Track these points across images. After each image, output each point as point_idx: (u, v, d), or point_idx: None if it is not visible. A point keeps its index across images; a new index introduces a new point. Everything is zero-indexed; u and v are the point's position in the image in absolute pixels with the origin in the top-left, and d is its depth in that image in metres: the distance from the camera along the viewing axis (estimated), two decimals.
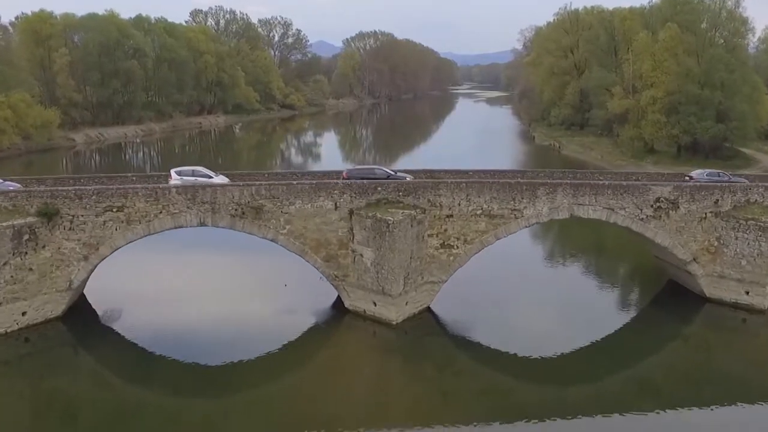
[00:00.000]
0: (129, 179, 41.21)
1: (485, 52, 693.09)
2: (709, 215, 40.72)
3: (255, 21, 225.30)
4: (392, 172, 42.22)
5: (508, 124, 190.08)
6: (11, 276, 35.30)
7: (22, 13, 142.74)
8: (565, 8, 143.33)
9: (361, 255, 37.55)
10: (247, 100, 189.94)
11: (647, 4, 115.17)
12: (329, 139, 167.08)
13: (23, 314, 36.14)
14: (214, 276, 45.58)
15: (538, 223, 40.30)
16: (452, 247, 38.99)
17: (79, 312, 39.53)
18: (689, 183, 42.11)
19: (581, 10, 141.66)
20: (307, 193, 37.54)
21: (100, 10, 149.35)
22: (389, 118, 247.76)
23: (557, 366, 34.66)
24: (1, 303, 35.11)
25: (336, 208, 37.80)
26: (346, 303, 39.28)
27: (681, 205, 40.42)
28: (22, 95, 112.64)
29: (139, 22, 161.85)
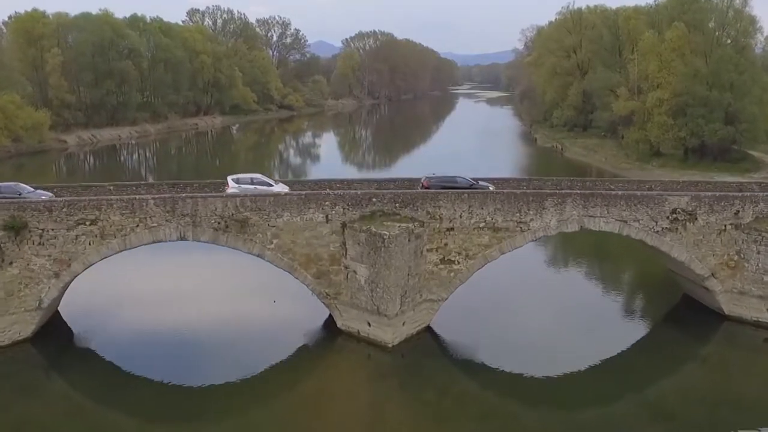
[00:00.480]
0: (105, 189, 38.34)
1: (485, 52, 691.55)
2: (728, 227, 37.90)
3: (253, 21, 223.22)
4: (474, 181, 39.47)
5: (509, 125, 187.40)
6: None
7: (15, 13, 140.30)
8: (567, 7, 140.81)
9: (355, 272, 34.76)
10: (244, 101, 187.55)
11: (653, 3, 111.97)
12: (328, 141, 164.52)
13: None
14: (197, 292, 42.77)
15: (545, 236, 37.35)
16: (453, 262, 36.18)
17: (51, 332, 36.85)
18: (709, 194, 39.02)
19: (584, 9, 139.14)
20: (295, 204, 34.71)
21: (94, 10, 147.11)
22: (389, 118, 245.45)
23: (564, 388, 32.53)
24: None
25: (327, 220, 35.00)
26: (338, 323, 36.48)
27: (699, 216, 37.60)
28: (12, 96, 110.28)
29: (134, 21, 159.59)
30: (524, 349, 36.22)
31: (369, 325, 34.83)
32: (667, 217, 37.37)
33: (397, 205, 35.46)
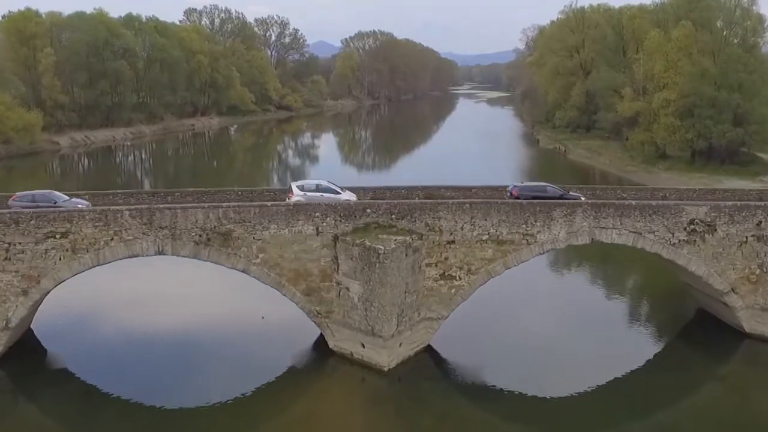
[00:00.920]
0: (80, 198, 35.64)
1: (485, 52, 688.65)
2: (750, 239, 35.23)
3: (251, 20, 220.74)
4: (563, 191, 37.05)
5: (510, 126, 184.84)
6: None
7: (9, 12, 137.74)
8: (570, 6, 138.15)
9: (347, 288, 32.11)
10: (242, 101, 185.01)
11: (658, 1, 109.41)
12: (327, 142, 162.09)
13: None
14: (179, 307, 40.02)
15: (553, 249, 34.64)
16: (454, 278, 33.51)
17: (22, 352, 34.23)
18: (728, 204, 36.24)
19: (587, 8, 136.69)
20: (283, 216, 32.02)
21: (88, 9, 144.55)
22: (389, 119, 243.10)
23: (573, 412, 30.29)
24: None
25: (318, 233, 32.32)
26: (330, 343, 33.80)
27: (718, 227, 34.93)
28: (2, 97, 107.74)
29: (130, 21, 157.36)
30: (530, 370, 33.67)
31: (363, 346, 32.17)
32: (685, 229, 34.71)
33: (393, 216, 32.76)
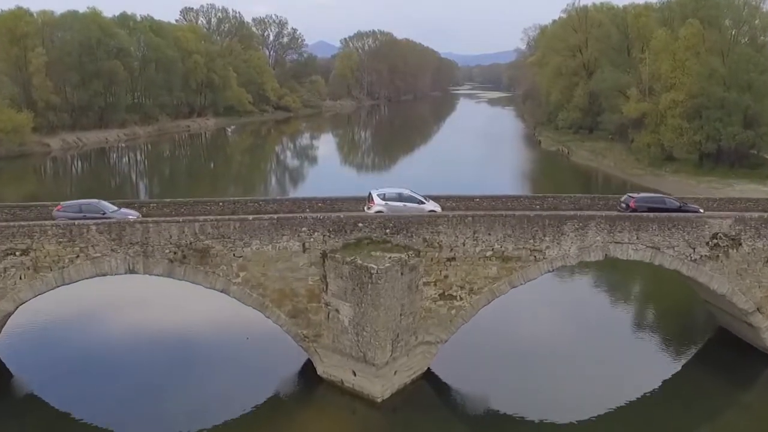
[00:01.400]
0: (47, 210, 32.68)
1: (486, 53, 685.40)
2: None
3: (249, 20, 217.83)
4: (682, 203, 34.49)
5: (511, 127, 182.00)
6: None
7: (1, 11, 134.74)
8: (572, 5, 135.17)
9: (337, 311, 29.14)
10: (239, 102, 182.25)
11: None
12: (325, 143, 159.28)
13: None
14: (156, 326, 36.92)
15: (563, 266, 31.61)
16: (454, 298, 30.54)
17: None
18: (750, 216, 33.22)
19: (590, 6, 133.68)
20: (266, 230, 29.02)
21: (82, 8, 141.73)
22: (388, 120, 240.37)
23: None
24: None
25: (304, 249, 29.33)
26: (318, 369, 30.79)
27: (744, 242, 31.94)
28: None
29: (124, 20, 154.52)
30: (537, 397, 30.76)
31: (354, 374, 29.19)
32: (707, 243, 31.74)
33: (387, 230, 29.75)
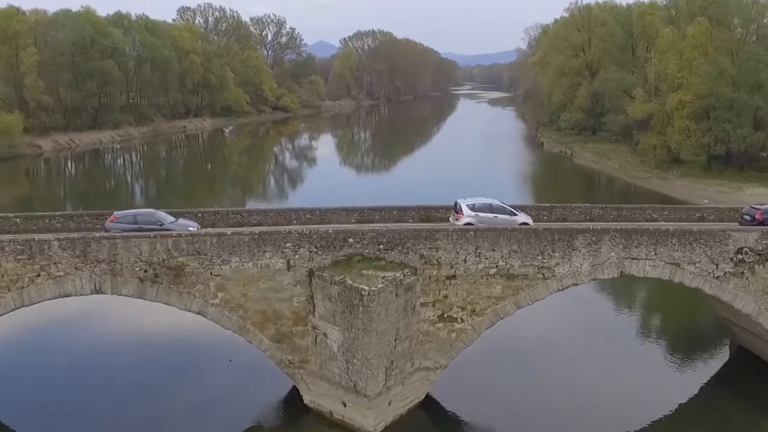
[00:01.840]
0: (10, 222, 29.86)
1: (486, 53, 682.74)
2: None
3: (247, 19, 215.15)
4: None
5: (512, 127, 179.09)
6: None
7: None
8: (575, 3, 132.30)
9: (325, 335, 26.38)
10: (236, 102, 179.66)
11: None
12: (324, 144, 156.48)
13: None
14: (130, 343, 34.15)
15: (575, 285, 28.77)
16: (455, 320, 27.77)
17: None
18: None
19: (593, 5, 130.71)
20: (247, 246, 26.25)
21: (75, 7, 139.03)
22: (388, 120, 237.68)
23: None
24: None
25: (289, 267, 26.57)
26: (305, 398, 27.99)
27: None
28: None
29: (119, 19, 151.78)
30: (545, 424, 28.03)
31: (344, 405, 26.43)
32: (731, 259, 28.97)
33: (381, 246, 26.96)
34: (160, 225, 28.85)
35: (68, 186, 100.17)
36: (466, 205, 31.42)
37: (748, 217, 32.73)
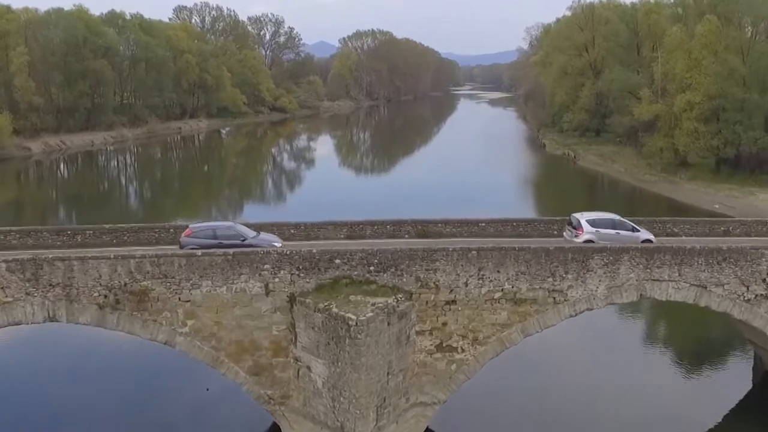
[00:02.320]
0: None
1: (486, 53, 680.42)
2: None
3: (245, 19, 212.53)
4: None
5: (513, 128, 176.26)
6: None
7: None
8: (578, 1, 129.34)
9: (308, 368, 23.39)
10: (233, 103, 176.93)
11: None
12: (323, 144, 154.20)
13: None
14: (95, 374, 31.07)
15: (589, 309, 25.73)
16: (455, 349, 24.75)
17: None
18: None
19: (597, 3, 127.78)
20: (219, 269, 23.26)
21: (68, 5, 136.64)
22: (388, 121, 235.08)
23: None
24: None
25: (267, 292, 23.57)
26: None
27: None
28: None
29: (112, 18, 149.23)
30: None
31: None
32: (764, 280, 25.96)
33: (371, 268, 23.94)
34: (242, 240, 26.00)
35: (57, 190, 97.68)
36: (586, 221, 28.64)
37: None
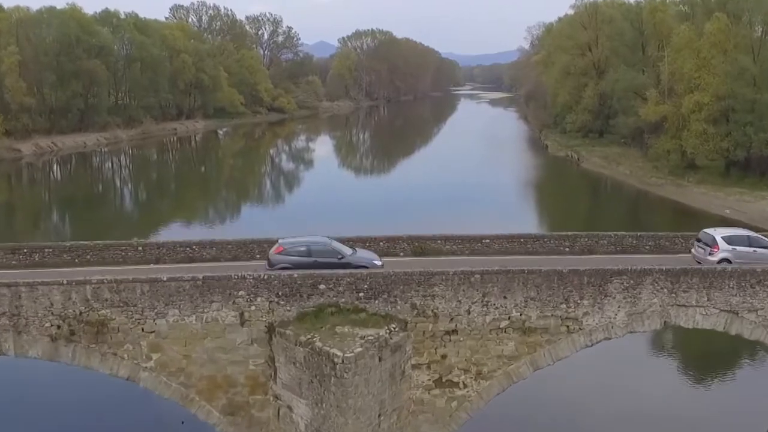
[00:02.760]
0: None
1: (487, 53, 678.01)
2: None
3: (243, 18, 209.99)
4: None
5: (514, 129, 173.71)
6: None
7: None
8: (582, 0, 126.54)
9: (289, 408, 20.62)
10: (230, 103, 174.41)
11: None
12: (322, 145, 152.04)
13: None
14: (61, 403, 28.36)
15: (607, 339, 22.92)
16: (456, 385, 21.97)
17: None
18: None
19: (601, 1, 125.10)
20: (188, 296, 20.48)
21: (60, 4, 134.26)
22: (387, 121, 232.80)
23: None
24: None
25: (243, 322, 20.79)
26: None
27: None
28: None
29: (106, 17, 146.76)
30: None
31: None
32: None
33: (360, 294, 21.14)
34: (339, 258, 23.21)
35: (50, 192, 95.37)
36: (722, 237, 25.83)
37: None
